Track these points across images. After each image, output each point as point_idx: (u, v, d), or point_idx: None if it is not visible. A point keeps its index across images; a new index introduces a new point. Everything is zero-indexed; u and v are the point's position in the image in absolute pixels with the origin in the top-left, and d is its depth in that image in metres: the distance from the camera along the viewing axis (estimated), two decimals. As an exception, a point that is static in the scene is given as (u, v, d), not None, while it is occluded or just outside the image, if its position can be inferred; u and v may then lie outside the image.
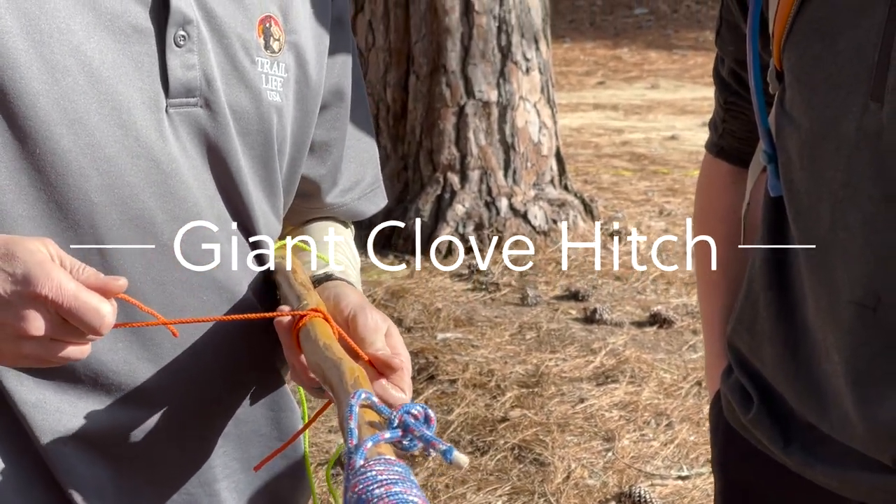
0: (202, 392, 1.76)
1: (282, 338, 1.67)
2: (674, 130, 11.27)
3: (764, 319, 2.13)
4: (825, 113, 2.00)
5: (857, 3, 1.96)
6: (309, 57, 1.80)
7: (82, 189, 1.60)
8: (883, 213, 1.95)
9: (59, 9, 1.55)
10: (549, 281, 6.74)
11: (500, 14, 6.97)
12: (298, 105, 1.80)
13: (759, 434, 2.14)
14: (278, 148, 1.79)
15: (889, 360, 2.00)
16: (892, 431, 1.99)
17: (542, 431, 5.04)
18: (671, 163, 9.67)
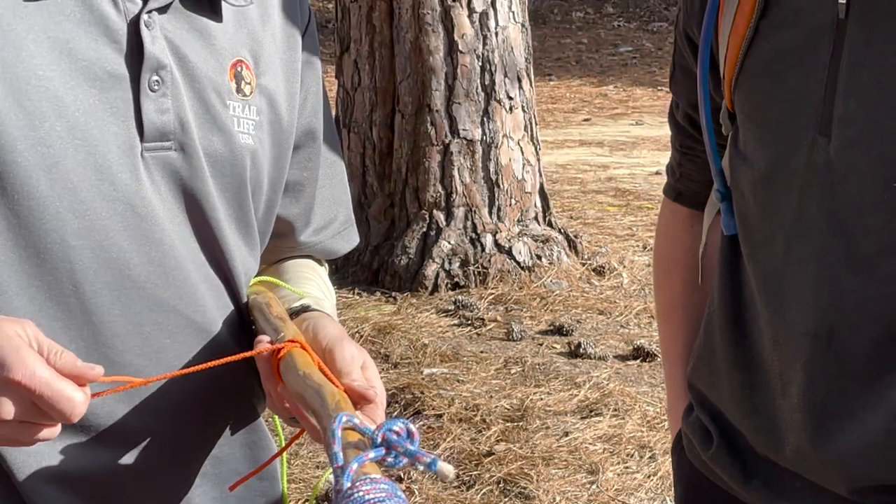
0: (179, 432, 1.75)
1: (261, 369, 1.67)
2: (658, 166, 11.12)
3: (721, 358, 2.14)
4: (776, 149, 2.02)
5: (802, 43, 1.99)
6: (280, 99, 1.80)
7: (59, 233, 1.60)
8: (834, 246, 1.97)
9: (35, 56, 1.56)
10: (534, 316, 6.73)
11: (483, 53, 7.01)
12: (272, 146, 1.79)
13: (720, 471, 2.15)
14: (254, 189, 1.78)
15: (844, 393, 2.00)
16: (848, 464, 2.00)
17: (527, 465, 5.04)
18: (656, 198, 9.60)
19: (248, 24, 1.76)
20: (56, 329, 1.60)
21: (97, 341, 1.63)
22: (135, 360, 1.64)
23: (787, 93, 1.99)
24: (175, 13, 1.66)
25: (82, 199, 1.60)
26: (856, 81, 1.92)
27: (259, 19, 1.78)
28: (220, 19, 1.71)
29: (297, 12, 1.85)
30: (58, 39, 1.58)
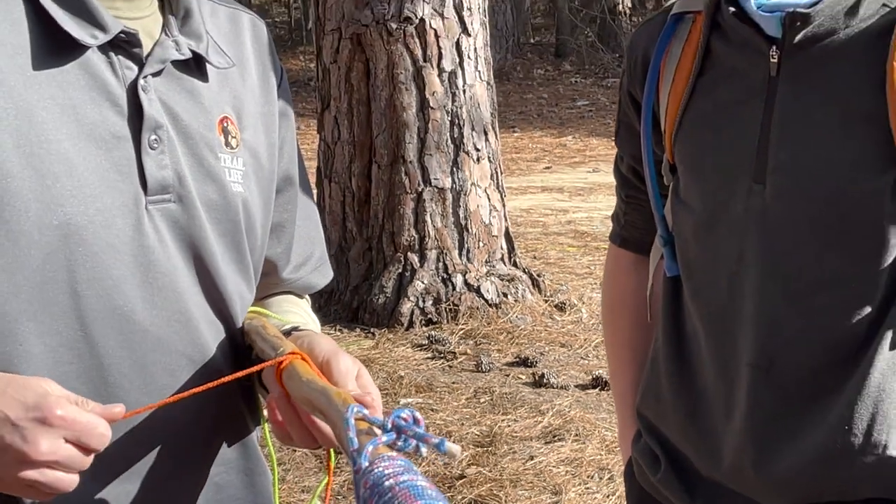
0: (180, 458, 1.74)
1: (269, 385, 1.67)
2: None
3: (667, 389, 2.15)
4: (716, 196, 2.04)
5: (737, 99, 2.01)
6: (262, 150, 1.81)
7: (70, 283, 1.59)
8: (771, 283, 1.98)
9: (45, 121, 1.56)
10: (501, 349, 6.73)
11: (452, 109, 7.03)
12: (259, 193, 1.81)
13: (668, 493, 2.16)
14: (249, 232, 1.79)
15: (784, 417, 2.02)
16: (788, 483, 2.02)
17: (496, 487, 5.04)
18: (611, 239, 9.68)
19: (230, 83, 1.77)
20: (69, 373, 1.60)
21: (106, 381, 1.62)
22: (140, 399, 1.63)
23: (724, 144, 2.01)
24: (167, 76, 1.67)
25: (92, 252, 1.59)
26: (787, 134, 1.95)
27: (239, 78, 1.79)
28: (207, 80, 1.72)
29: (270, 70, 1.86)
30: (65, 105, 1.58)
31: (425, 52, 6.98)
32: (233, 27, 1.82)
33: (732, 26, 1.99)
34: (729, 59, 2.01)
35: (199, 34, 1.71)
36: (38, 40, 1.57)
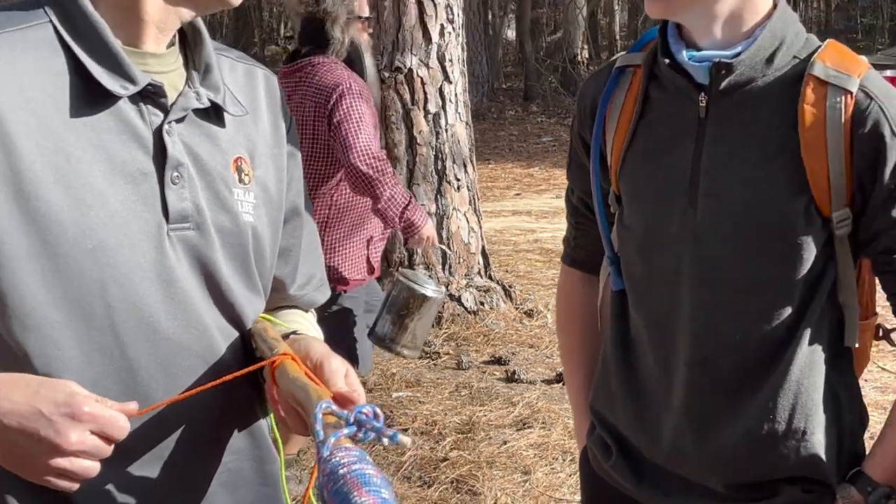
0: (195, 448, 1.73)
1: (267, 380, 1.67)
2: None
3: (615, 386, 2.15)
4: (655, 220, 2.05)
5: (672, 138, 2.03)
6: (271, 186, 1.80)
7: (103, 298, 1.59)
8: (704, 293, 1.99)
9: (81, 160, 1.56)
10: (478, 350, 6.73)
11: (436, 145, 7.02)
12: (269, 223, 1.80)
13: (619, 477, 2.16)
14: (259, 255, 1.78)
15: (716, 408, 2.03)
16: (723, 460, 2.03)
17: (475, 468, 5.03)
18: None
19: (244, 128, 1.76)
20: (101, 374, 1.60)
21: (135, 381, 1.62)
22: (164, 397, 1.63)
23: (661, 176, 2.02)
24: (189, 122, 1.66)
25: (121, 272, 1.59)
26: (715, 166, 1.96)
27: (253, 124, 1.79)
28: (224, 125, 1.72)
29: (281, 117, 1.86)
30: (98, 146, 1.58)
31: (413, 96, 6.97)
32: (248, 81, 1.81)
33: (667, 76, 2.01)
34: (664, 104, 2.02)
35: (218, 86, 1.71)
36: (77, 90, 1.57)
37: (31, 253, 1.53)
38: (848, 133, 1.89)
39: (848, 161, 1.89)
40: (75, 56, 1.57)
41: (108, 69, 1.58)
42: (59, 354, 1.57)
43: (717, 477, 2.02)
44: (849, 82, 1.89)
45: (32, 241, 1.53)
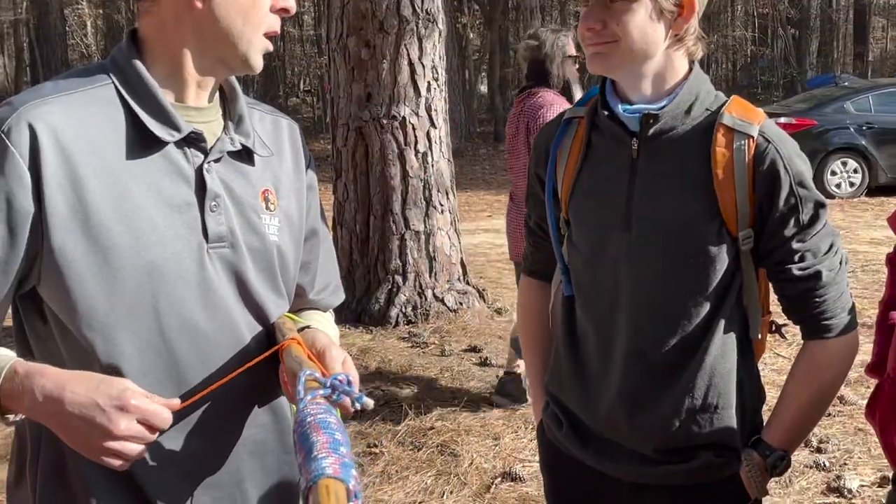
0: (224, 422, 1.73)
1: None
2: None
3: (565, 371, 2.15)
4: (597, 241, 2.05)
5: (610, 174, 2.03)
6: (293, 212, 1.80)
7: (154, 305, 1.59)
8: (638, 299, 2.00)
9: (136, 194, 1.56)
10: (458, 340, 6.71)
11: (424, 178, 7.04)
12: (291, 242, 1.79)
13: (568, 444, 2.16)
14: (284, 267, 1.77)
15: (647, 387, 2.03)
16: (649, 433, 2.03)
17: (455, 435, 5.03)
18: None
19: (270, 166, 1.76)
20: (152, 366, 1.61)
21: (178, 371, 1.62)
22: (201, 385, 1.64)
23: (602, 205, 2.02)
24: (225, 162, 1.67)
25: (168, 284, 1.59)
26: (645, 197, 1.97)
27: (278, 164, 1.78)
28: (253, 164, 1.72)
29: (300, 156, 1.85)
30: (150, 182, 1.58)
31: (406, 139, 6.97)
32: (274, 129, 1.81)
33: (606, 125, 2.01)
34: (603, 147, 2.03)
35: (249, 133, 1.71)
36: (133, 137, 1.57)
37: (95, 270, 1.54)
38: (751, 170, 1.90)
39: (751, 192, 1.90)
40: (132, 110, 1.57)
41: (159, 120, 1.58)
42: (117, 350, 1.57)
43: (646, 444, 2.02)
44: (750, 129, 1.91)
45: (97, 260, 1.54)
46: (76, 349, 1.57)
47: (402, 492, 4.44)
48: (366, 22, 6.78)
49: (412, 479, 4.57)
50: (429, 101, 6.98)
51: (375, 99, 6.89)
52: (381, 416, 5.31)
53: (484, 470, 4.63)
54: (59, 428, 1.49)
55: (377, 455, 4.81)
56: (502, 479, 4.54)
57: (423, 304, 7.11)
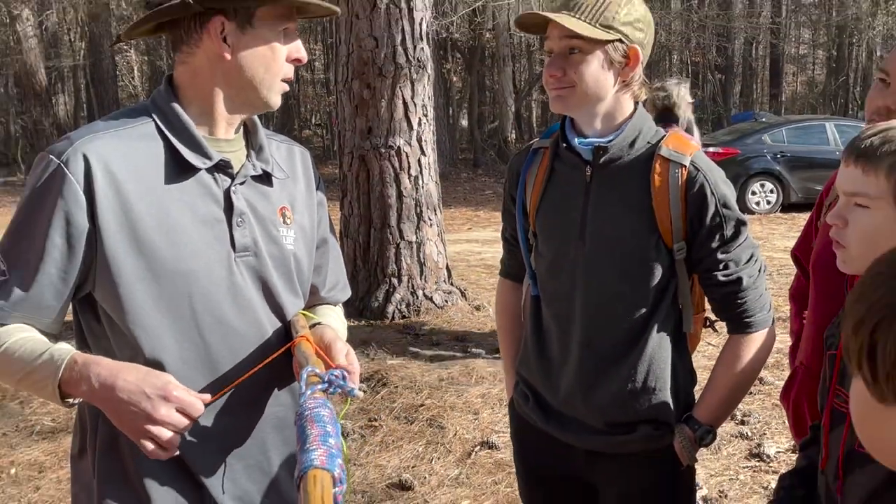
0: (257, 405, 1.73)
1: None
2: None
3: (532, 357, 2.15)
4: (558, 250, 2.05)
5: (568, 194, 2.03)
6: (306, 225, 1.80)
7: (190, 305, 1.60)
8: (589, 298, 2.00)
9: (174, 213, 1.57)
10: (445, 332, 6.70)
11: (416, 197, 7.03)
12: (305, 251, 1.79)
13: (534, 417, 2.16)
14: (300, 271, 1.77)
15: (597, 372, 2.03)
16: (601, 410, 2.04)
17: (442, 411, 5.02)
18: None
19: (286, 187, 1.76)
20: (189, 357, 1.61)
21: (210, 361, 1.62)
22: (231, 372, 1.64)
23: (562, 221, 2.03)
24: (248, 184, 1.66)
25: (203, 287, 1.60)
26: (597, 214, 1.98)
27: (293, 184, 1.78)
28: (272, 185, 1.72)
29: (311, 178, 1.85)
30: (186, 203, 1.58)
31: (401, 164, 6.95)
32: (289, 156, 1.81)
33: (565, 154, 2.02)
34: (563, 173, 2.03)
35: (268, 160, 1.71)
36: (171, 165, 1.58)
37: (141, 276, 1.54)
38: (683, 193, 1.91)
39: (683, 211, 1.92)
40: (171, 142, 1.58)
41: (193, 150, 1.59)
42: (160, 343, 1.57)
43: (597, 419, 2.02)
44: (683, 159, 1.92)
45: (142, 268, 1.54)
46: (124, 343, 1.57)
47: (397, 458, 4.43)
48: (367, 68, 6.78)
49: (406, 447, 4.56)
50: (419, 133, 6.97)
51: (375, 131, 6.89)
52: (380, 395, 5.30)
53: (465, 440, 4.63)
54: (110, 410, 1.49)
55: (377, 427, 4.80)
56: (480, 447, 4.54)
57: (415, 301, 7.09)
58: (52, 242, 1.49)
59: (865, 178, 1.49)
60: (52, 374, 1.47)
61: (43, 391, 1.50)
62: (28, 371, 1.49)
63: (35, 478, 4.30)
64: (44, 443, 4.75)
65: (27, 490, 4.17)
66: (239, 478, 1.68)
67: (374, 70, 6.77)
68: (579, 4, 1.84)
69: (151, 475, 1.60)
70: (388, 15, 6.70)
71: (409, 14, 6.75)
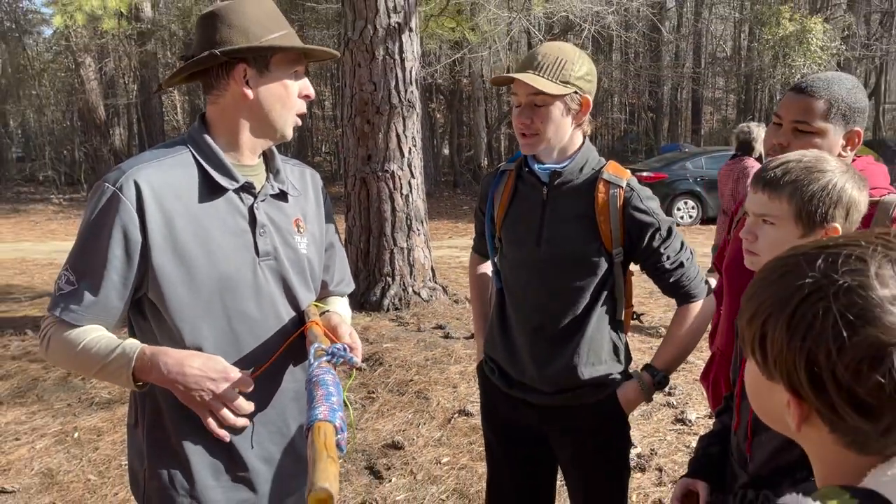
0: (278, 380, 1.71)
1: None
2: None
3: (497, 340, 2.15)
4: (519, 254, 2.05)
5: (528, 209, 2.02)
6: (316, 233, 1.79)
7: (222, 302, 1.59)
8: (541, 292, 2.00)
9: (209, 228, 1.56)
10: (430, 321, 6.66)
11: (407, 212, 7.00)
12: (316, 254, 1.78)
13: (500, 384, 2.16)
14: (312, 270, 1.76)
15: (548, 351, 2.03)
16: (551, 380, 2.04)
17: (427, 385, 5.00)
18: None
19: (299, 202, 1.75)
20: (222, 343, 1.60)
21: (239, 347, 1.62)
22: (257, 356, 1.63)
23: (523, 229, 2.03)
24: (268, 201, 1.66)
25: (233, 287, 1.59)
26: (552, 225, 1.99)
27: (304, 200, 1.77)
28: (287, 201, 1.71)
29: (320, 194, 1.84)
30: (218, 218, 1.57)
31: (394, 185, 6.92)
32: (301, 176, 1.80)
33: (527, 177, 2.03)
34: (525, 192, 2.04)
35: (284, 181, 1.71)
36: (204, 187, 1.57)
37: (182, 280, 1.54)
38: (621, 209, 1.93)
39: (621, 222, 1.93)
40: (204, 168, 1.58)
41: (222, 174, 1.59)
42: (200, 334, 1.57)
43: (550, 387, 2.04)
44: (621, 182, 1.94)
45: (182, 273, 1.54)
46: (168, 335, 1.57)
47: (391, 424, 4.42)
48: (367, 107, 6.77)
49: (398, 415, 4.55)
50: (409, 160, 6.95)
51: (374, 158, 6.87)
52: (377, 372, 5.28)
53: (446, 408, 4.62)
54: (180, 392, 1.50)
55: (374, 398, 4.78)
56: (458, 414, 4.53)
57: (406, 296, 7.05)
58: (114, 254, 1.49)
59: (771, 202, 1.54)
60: (126, 365, 1.49)
61: (118, 379, 1.51)
62: (104, 364, 1.50)
63: (94, 440, 4.27)
64: (101, 412, 4.70)
65: (88, 450, 4.13)
66: (263, 440, 1.69)
67: (373, 109, 6.76)
68: (541, 64, 1.86)
69: (190, 440, 1.60)
70: (385, 64, 6.69)
71: (402, 63, 6.75)
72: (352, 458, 3.98)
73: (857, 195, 1.50)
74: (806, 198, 1.49)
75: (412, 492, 3.61)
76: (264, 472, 1.69)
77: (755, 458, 1.52)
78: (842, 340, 0.73)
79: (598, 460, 2.06)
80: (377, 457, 4.00)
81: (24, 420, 4.55)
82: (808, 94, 1.79)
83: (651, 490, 3.59)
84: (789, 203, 1.51)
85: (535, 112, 1.88)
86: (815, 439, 0.83)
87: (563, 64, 1.85)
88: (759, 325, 0.81)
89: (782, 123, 1.87)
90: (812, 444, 0.84)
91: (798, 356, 0.77)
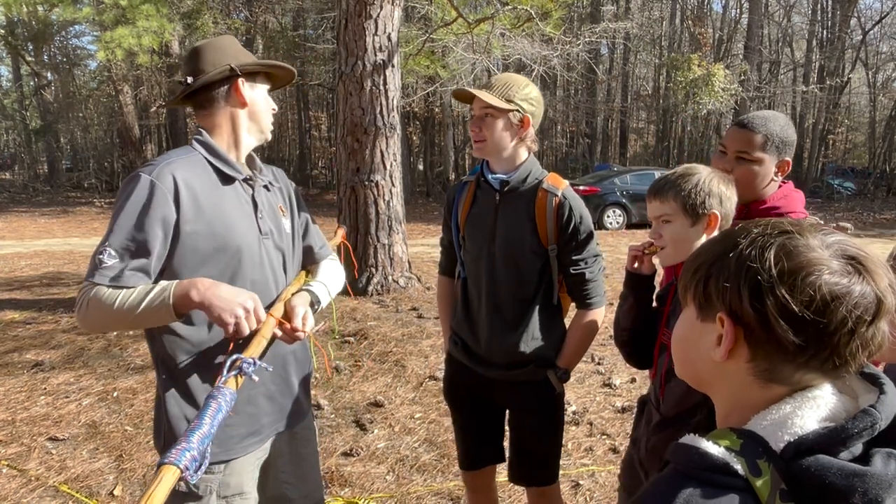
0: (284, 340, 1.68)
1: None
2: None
3: (461, 319, 2.12)
4: (478, 250, 2.02)
5: (484, 213, 2.00)
6: (294, 216, 1.79)
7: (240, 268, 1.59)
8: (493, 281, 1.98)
9: (226, 209, 1.58)
10: (406, 304, 6.62)
11: (388, 214, 6.96)
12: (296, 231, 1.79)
13: (465, 360, 2.13)
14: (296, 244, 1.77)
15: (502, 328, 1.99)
16: (504, 353, 2.01)
17: (404, 356, 4.98)
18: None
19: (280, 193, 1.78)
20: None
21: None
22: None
23: (480, 230, 2.01)
24: (260, 192, 1.67)
25: (246, 257, 1.59)
26: (502, 226, 1.97)
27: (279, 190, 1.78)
28: (271, 191, 1.73)
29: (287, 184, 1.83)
30: (231, 202, 1.59)
31: (378, 193, 6.86)
32: (273, 173, 1.81)
33: (483, 185, 2.03)
34: (482, 198, 2.04)
35: (266, 176, 1.74)
36: (217, 179, 1.59)
37: (207, 246, 1.54)
38: (556, 214, 1.93)
39: (555, 224, 1.94)
40: (214, 165, 1.60)
41: (229, 169, 1.61)
42: None
43: (502, 360, 2.03)
44: (557, 191, 1.95)
45: (210, 245, 1.54)
46: None
47: (373, 387, 4.40)
48: (357, 128, 6.73)
49: (379, 380, 4.53)
50: (391, 172, 6.90)
51: (362, 171, 6.83)
52: (363, 345, 5.25)
53: (419, 374, 4.61)
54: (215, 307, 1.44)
55: (360, 366, 4.76)
56: (429, 379, 4.52)
57: (387, 284, 7.01)
58: (154, 232, 1.48)
59: (662, 205, 1.60)
60: (166, 293, 1.45)
61: (158, 311, 1.44)
62: (144, 299, 1.45)
63: (130, 399, 4.21)
64: (136, 375, 4.64)
65: (125, 406, 4.08)
66: (266, 381, 1.70)
67: (361, 130, 6.72)
68: (493, 85, 1.90)
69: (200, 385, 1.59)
70: (371, 94, 6.65)
71: (385, 94, 6.72)
72: (341, 413, 3.98)
73: (723, 187, 1.56)
74: (685, 193, 1.55)
75: (391, 441, 3.62)
76: (266, 408, 1.68)
77: (666, 401, 1.57)
78: (781, 264, 0.74)
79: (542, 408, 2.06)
80: (362, 413, 4.00)
81: (72, 382, 4.49)
82: (748, 129, 1.73)
83: (583, 440, 3.64)
84: (675, 200, 1.56)
85: (484, 122, 1.89)
86: (731, 372, 0.78)
87: (509, 87, 1.87)
88: (704, 270, 0.80)
89: (727, 152, 1.82)
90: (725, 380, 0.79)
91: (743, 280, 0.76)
